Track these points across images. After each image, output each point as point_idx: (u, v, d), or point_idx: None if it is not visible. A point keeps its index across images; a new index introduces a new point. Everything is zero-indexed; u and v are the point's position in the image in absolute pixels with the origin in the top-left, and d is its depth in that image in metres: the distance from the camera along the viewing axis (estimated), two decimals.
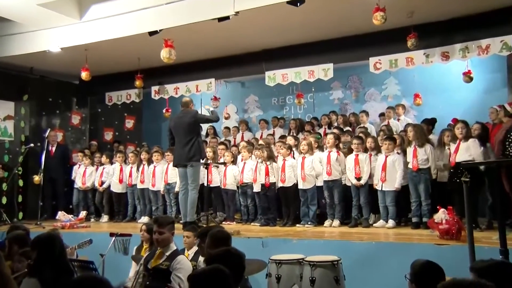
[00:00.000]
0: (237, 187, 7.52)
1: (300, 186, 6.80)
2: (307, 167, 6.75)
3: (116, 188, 8.48)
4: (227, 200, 7.50)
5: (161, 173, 8.02)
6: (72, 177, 8.94)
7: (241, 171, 7.40)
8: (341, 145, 7.02)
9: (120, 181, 8.43)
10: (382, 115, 8.76)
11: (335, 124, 8.73)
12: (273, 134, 9.12)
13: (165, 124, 10.34)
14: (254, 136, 9.38)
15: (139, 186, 8.22)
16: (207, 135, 10.06)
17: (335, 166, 6.69)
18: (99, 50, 7.84)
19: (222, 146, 8.09)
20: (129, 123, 10.57)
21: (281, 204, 7.09)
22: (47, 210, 8.66)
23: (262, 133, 9.55)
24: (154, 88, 9.61)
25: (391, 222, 6.26)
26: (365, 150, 6.70)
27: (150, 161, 8.25)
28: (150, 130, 11.20)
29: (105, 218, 8.52)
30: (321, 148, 7.16)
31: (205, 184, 7.18)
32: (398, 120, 8.41)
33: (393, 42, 7.24)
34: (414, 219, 6.16)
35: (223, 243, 3.28)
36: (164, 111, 9.70)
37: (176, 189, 7.67)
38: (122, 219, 8.35)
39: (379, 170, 6.40)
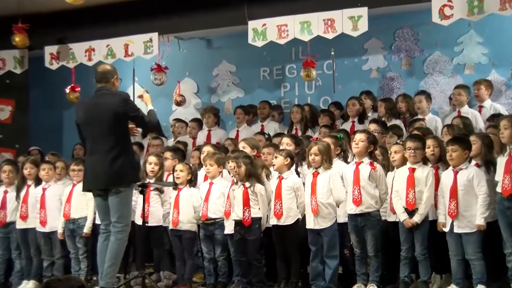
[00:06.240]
0: (198, 226, 7.59)
1: (310, 225, 6.79)
2: (321, 191, 6.73)
3: None
4: (180, 250, 7.55)
5: (57, 202, 8.08)
6: None
7: (205, 198, 7.45)
8: (377, 152, 7.03)
9: None
10: None
11: (371, 115, 8.84)
12: (262, 132, 9.15)
13: (68, 114, 10.55)
14: (228, 136, 9.45)
15: (19, 225, 8.27)
16: (145, 133, 10.04)
17: (367, 189, 6.72)
18: None
19: (171, 153, 8.20)
20: (4, 112, 10.60)
21: (274, 257, 7.11)
22: None
23: (238, 130, 9.77)
24: (50, 50, 9.83)
25: None
26: (425, 160, 6.71)
27: (40, 181, 8.31)
28: (43, 125, 11.35)
29: None
30: (345, 156, 7.26)
31: (140, 223, 7.24)
32: (480, 108, 8.46)
33: None
34: None
35: None
36: (67, 90, 9.85)
37: (85, 230, 7.80)
38: None
39: (446, 196, 6.44)
